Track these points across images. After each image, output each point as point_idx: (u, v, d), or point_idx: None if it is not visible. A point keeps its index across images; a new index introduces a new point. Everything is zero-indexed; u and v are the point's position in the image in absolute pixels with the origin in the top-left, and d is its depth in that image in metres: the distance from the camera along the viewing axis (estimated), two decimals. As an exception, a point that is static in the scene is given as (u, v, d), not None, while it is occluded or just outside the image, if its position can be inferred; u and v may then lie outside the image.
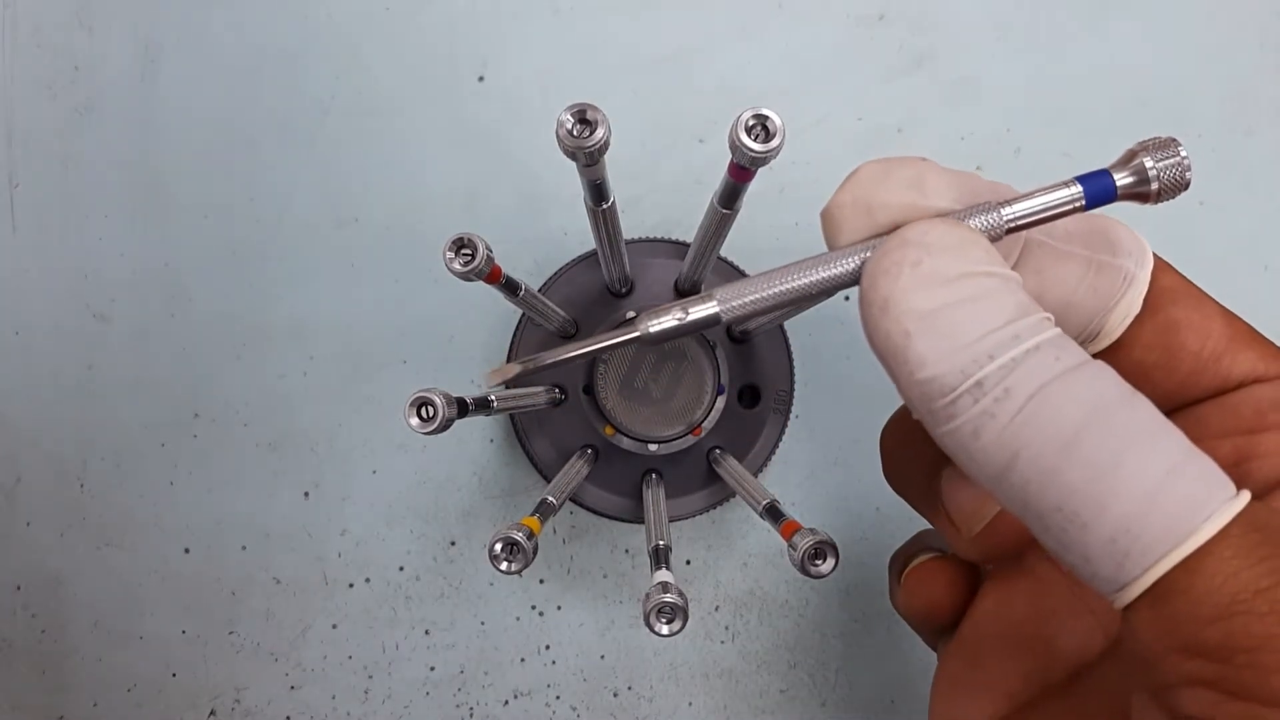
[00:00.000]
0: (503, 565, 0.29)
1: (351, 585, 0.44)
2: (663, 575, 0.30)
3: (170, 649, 0.45)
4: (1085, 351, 0.19)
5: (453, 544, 0.44)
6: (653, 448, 0.39)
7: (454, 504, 0.44)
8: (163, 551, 0.44)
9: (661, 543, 0.33)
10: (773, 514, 0.32)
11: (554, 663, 0.45)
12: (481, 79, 0.44)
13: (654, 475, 0.40)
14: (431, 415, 0.27)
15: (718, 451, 0.40)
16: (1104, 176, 0.22)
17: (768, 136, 0.24)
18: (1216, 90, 0.44)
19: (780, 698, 0.45)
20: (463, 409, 0.28)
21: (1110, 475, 0.18)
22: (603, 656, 0.45)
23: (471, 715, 0.45)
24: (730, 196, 0.28)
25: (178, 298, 0.44)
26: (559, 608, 0.45)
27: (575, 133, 0.24)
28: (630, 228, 0.41)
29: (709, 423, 0.39)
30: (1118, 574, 0.18)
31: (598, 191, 0.29)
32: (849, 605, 0.45)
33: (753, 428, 0.41)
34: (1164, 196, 0.22)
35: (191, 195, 0.44)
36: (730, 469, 0.38)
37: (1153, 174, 0.22)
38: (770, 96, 0.44)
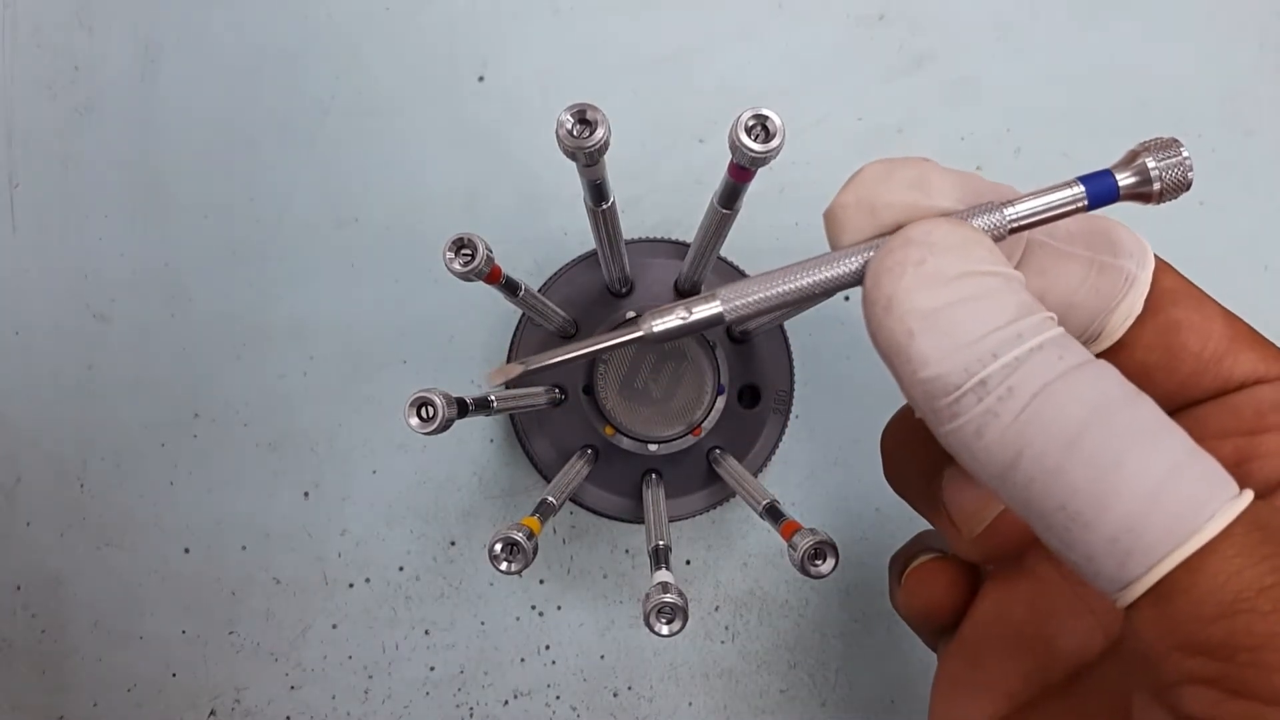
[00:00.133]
0: (503, 565, 0.29)
1: (351, 585, 0.44)
2: (663, 575, 0.30)
3: (170, 649, 0.44)
4: (1088, 351, 0.19)
5: (453, 544, 0.44)
6: (653, 448, 0.39)
7: (454, 504, 0.44)
8: (163, 551, 0.44)
9: (661, 543, 0.33)
10: (773, 514, 0.32)
11: (554, 663, 0.45)
12: (481, 79, 0.44)
13: (654, 475, 0.40)
14: (431, 415, 0.27)
15: (718, 451, 0.40)
16: (1106, 177, 0.22)
17: (768, 136, 0.24)
18: (1216, 90, 0.44)
19: (780, 698, 0.45)
20: (463, 409, 0.28)
21: (1113, 474, 0.18)
22: (603, 656, 0.45)
23: (471, 715, 0.45)
24: (730, 196, 0.28)
25: (178, 298, 0.44)
26: (559, 608, 0.45)
27: (575, 133, 0.24)
28: (630, 228, 0.41)
29: (709, 423, 0.39)
30: (1120, 573, 0.18)
31: (598, 191, 0.29)
32: (849, 605, 0.45)
33: (753, 428, 0.41)
34: (1166, 197, 0.22)
35: (191, 195, 0.44)
36: (730, 469, 0.38)
37: (1155, 174, 0.22)
38: (770, 96, 0.44)
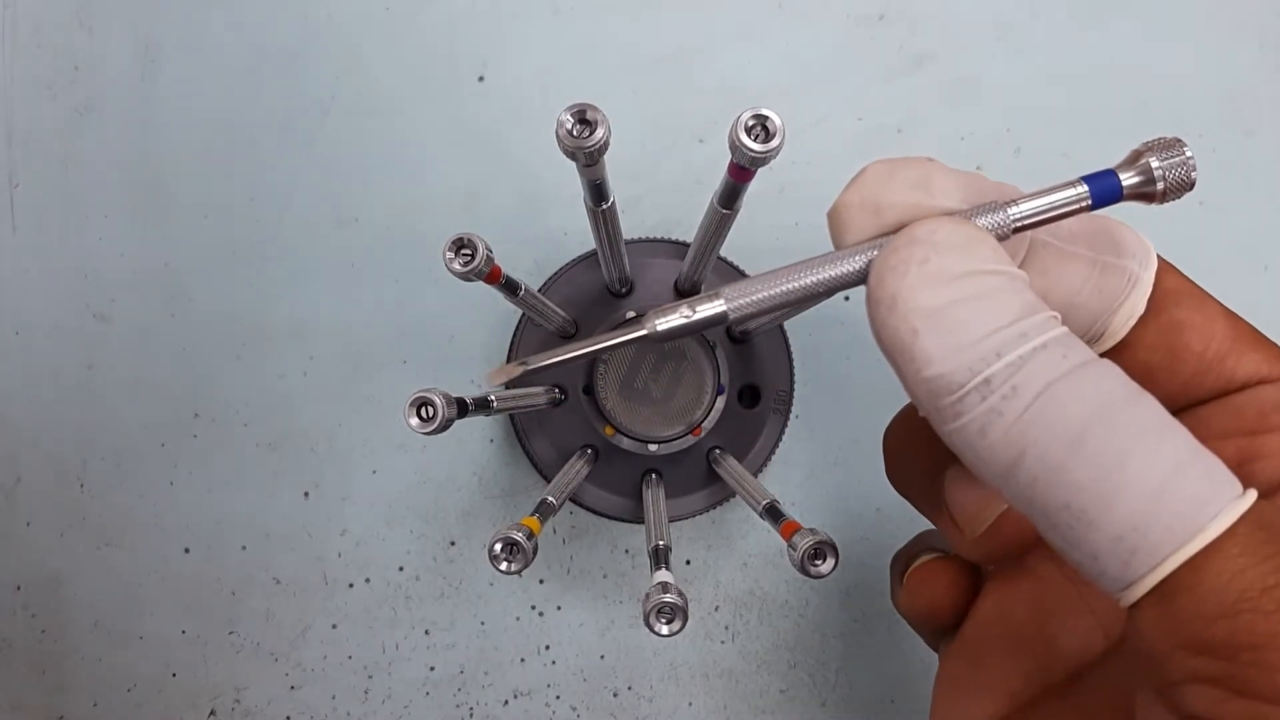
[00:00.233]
0: (503, 565, 0.29)
1: (351, 585, 0.44)
2: (663, 575, 0.30)
3: (170, 649, 0.44)
4: (1091, 350, 0.19)
5: (453, 544, 0.44)
6: (653, 448, 0.39)
7: (454, 504, 0.44)
8: (163, 551, 0.44)
9: (661, 543, 0.33)
10: (773, 514, 0.32)
11: (554, 663, 0.45)
12: (481, 79, 0.44)
13: (654, 475, 0.40)
14: (431, 415, 0.27)
15: (718, 451, 0.40)
16: (1110, 176, 0.22)
17: (768, 136, 0.24)
18: (1216, 90, 0.44)
19: (780, 698, 0.45)
20: (463, 409, 0.28)
21: (1117, 473, 0.18)
22: (603, 656, 0.45)
23: (471, 715, 0.45)
24: (730, 196, 0.28)
25: (178, 298, 0.44)
26: (559, 608, 0.45)
27: (575, 133, 0.24)
28: (630, 228, 0.41)
29: (709, 423, 0.39)
30: (1124, 572, 0.18)
31: (598, 191, 0.29)
32: (849, 605, 0.45)
33: (753, 428, 0.41)
34: (1169, 196, 0.22)
35: (191, 195, 0.44)
36: (730, 469, 0.38)
37: (1158, 174, 0.22)
38: (770, 96, 0.44)
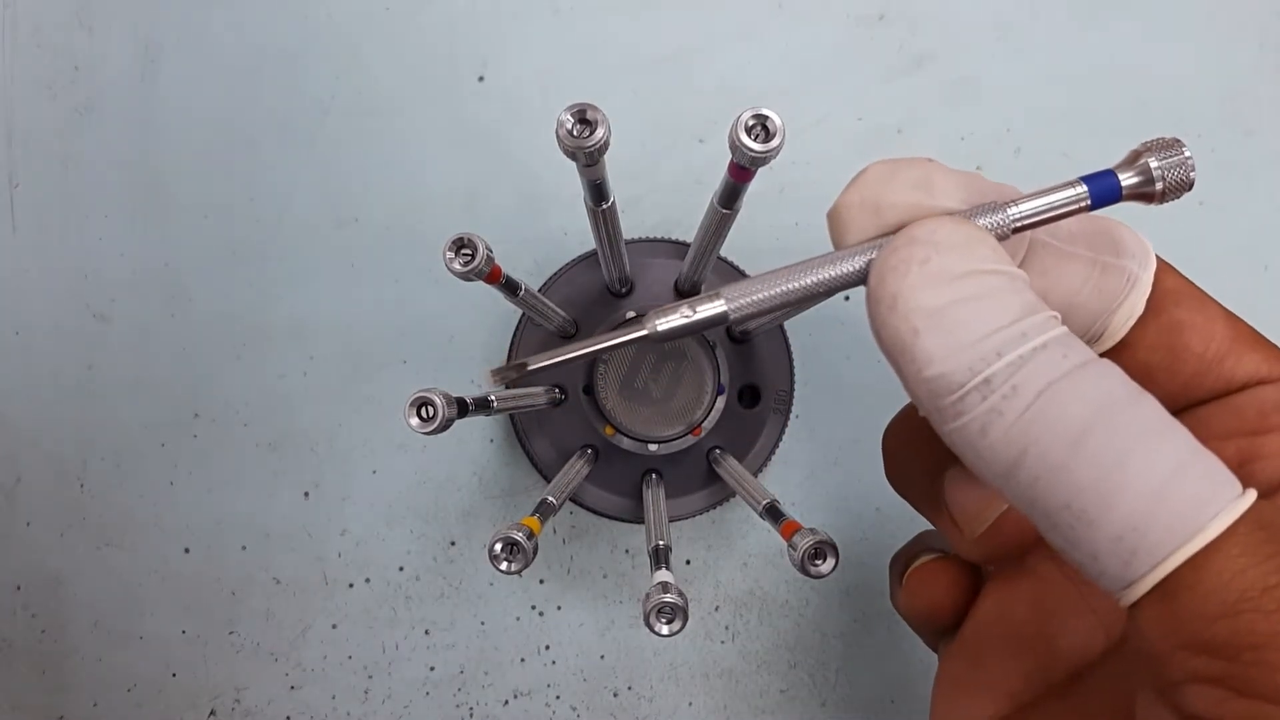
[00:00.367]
0: (503, 565, 0.29)
1: (351, 585, 0.44)
2: (663, 575, 0.30)
3: (170, 649, 0.44)
4: (1091, 350, 0.19)
5: (453, 544, 0.44)
6: (653, 448, 0.39)
7: (454, 504, 0.44)
8: (163, 551, 0.44)
9: (661, 543, 0.33)
10: (773, 514, 0.32)
11: (554, 663, 0.45)
12: (481, 79, 0.44)
13: (654, 475, 0.40)
14: (431, 415, 0.27)
15: (718, 451, 0.40)
16: (1109, 177, 0.22)
17: (768, 136, 0.24)
18: (1216, 90, 0.44)
19: (780, 698, 0.45)
20: (463, 409, 0.28)
21: (1118, 472, 0.18)
22: (603, 656, 0.45)
23: (471, 715, 0.45)
24: (730, 196, 0.28)
25: (178, 298, 0.44)
26: (559, 608, 0.45)
27: (575, 133, 0.24)
28: (630, 228, 0.41)
29: (709, 423, 0.39)
30: (1125, 571, 0.18)
31: (598, 191, 0.29)
32: (849, 605, 0.45)
33: (753, 428, 0.41)
34: (1169, 196, 0.22)
35: (191, 195, 0.44)
36: (730, 469, 0.38)
37: (1157, 174, 0.22)
38: (770, 96, 0.44)
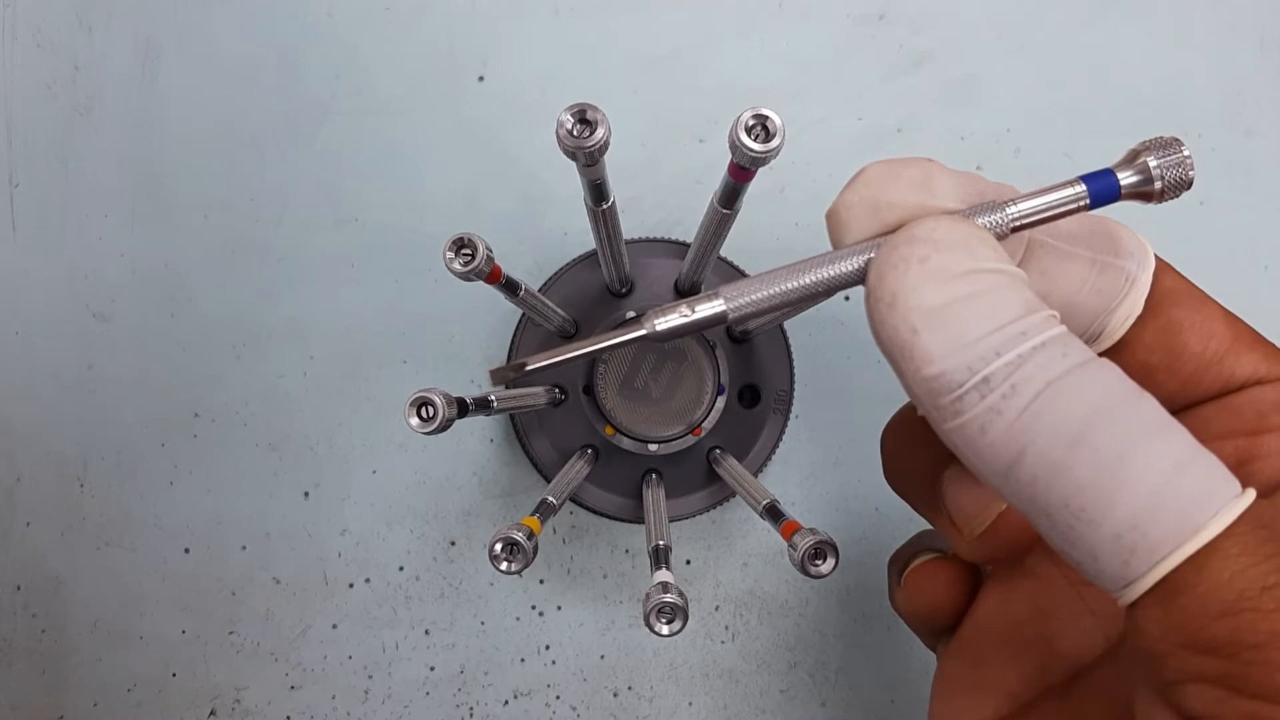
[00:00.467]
0: (503, 565, 0.29)
1: (351, 585, 0.44)
2: (663, 575, 0.30)
3: (170, 649, 0.44)
4: (1090, 349, 0.19)
5: (453, 544, 0.44)
6: (653, 448, 0.39)
7: (454, 504, 0.44)
8: (163, 551, 0.44)
9: (661, 543, 0.33)
10: (773, 514, 0.32)
11: (554, 663, 0.45)
12: (481, 79, 0.44)
13: (654, 475, 0.40)
14: (431, 415, 0.27)
15: (718, 451, 0.40)
16: (1108, 175, 0.22)
17: (768, 136, 0.24)
18: (1216, 90, 0.44)
19: (780, 698, 0.45)
20: (463, 409, 0.28)
21: (1117, 471, 0.18)
22: (603, 656, 0.45)
23: (471, 715, 0.45)
24: (730, 196, 0.28)
25: (178, 298, 0.44)
26: (559, 608, 0.45)
27: (575, 133, 0.24)
28: (630, 228, 0.41)
29: (709, 423, 0.39)
30: (1124, 570, 0.18)
31: (598, 191, 0.29)
32: (849, 605, 0.45)
33: (753, 428, 0.41)
34: (1168, 195, 0.22)
35: (191, 195, 0.44)
36: (730, 469, 0.38)
37: (1156, 173, 0.22)
38: (770, 96, 0.44)
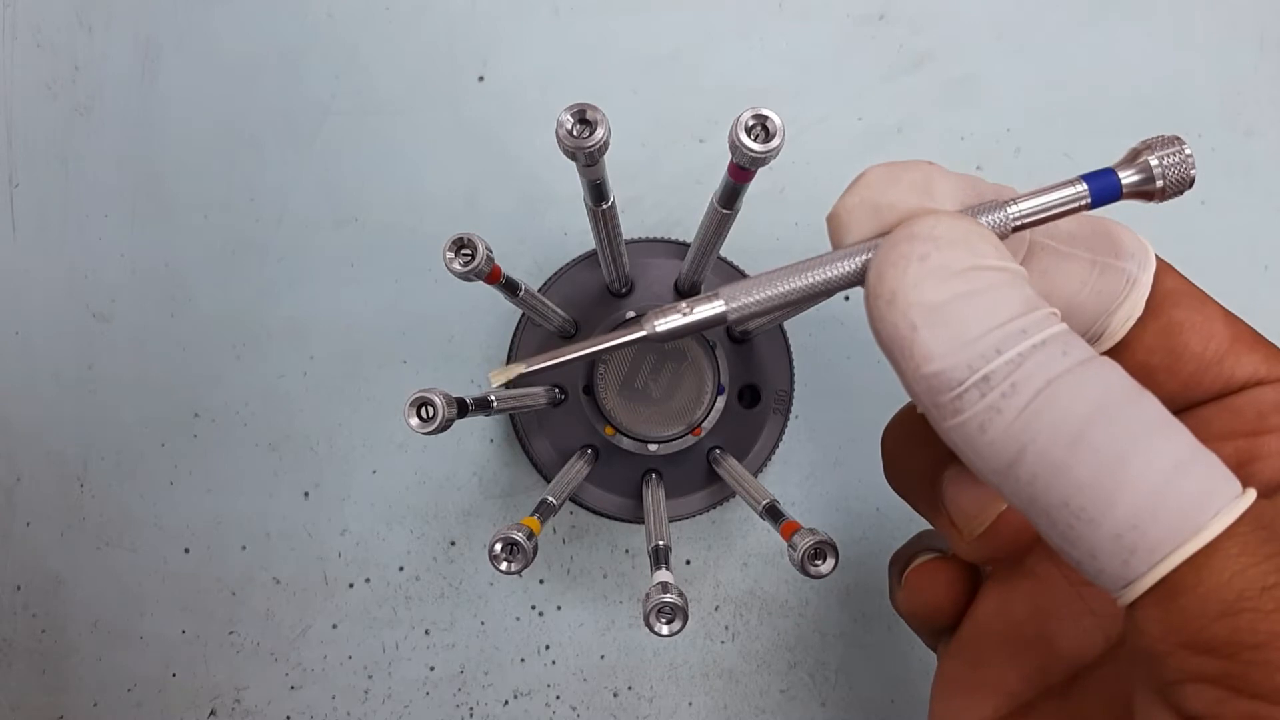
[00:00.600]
0: (503, 565, 0.29)
1: (351, 585, 0.44)
2: (663, 575, 0.30)
3: (170, 649, 0.44)
4: (1091, 348, 0.19)
5: (453, 544, 0.44)
6: (653, 448, 0.39)
7: (454, 504, 0.44)
8: (163, 551, 0.44)
9: (661, 543, 0.33)
10: (773, 514, 0.32)
11: (554, 663, 0.45)
12: (481, 79, 0.44)
13: (654, 475, 0.40)
14: (431, 415, 0.27)
15: (718, 451, 0.40)
16: (1109, 175, 0.22)
17: (768, 136, 0.24)
18: (1216, 90, 0.44)
19: (780, 698, 0.45)
20: (463, 409, 0.28)
21: (1118, 471, 0.18)
22: (603, 656, 0.45)
23: (471, 715, 0.45)
24: (730, 196, 0.28)
25: (178, 298, 0.44)
26: (559, 608, 0.45)
27: (575, 133, 0.24)
28: (630, 228, 0.41)
29: (709, 423, 0.39)
30: (1124, 570, 0.18)
31: (598, 191, 0.29)
32: (849, 605, 0.45)
33: (753, 428, 0.41)
34: (1169, 194, 0.22)
35: (191, 195, 0.44)
36: (730, 469, 0.38)
37: (1158, 171, 0.22)
38: (770, 96, 0.44)
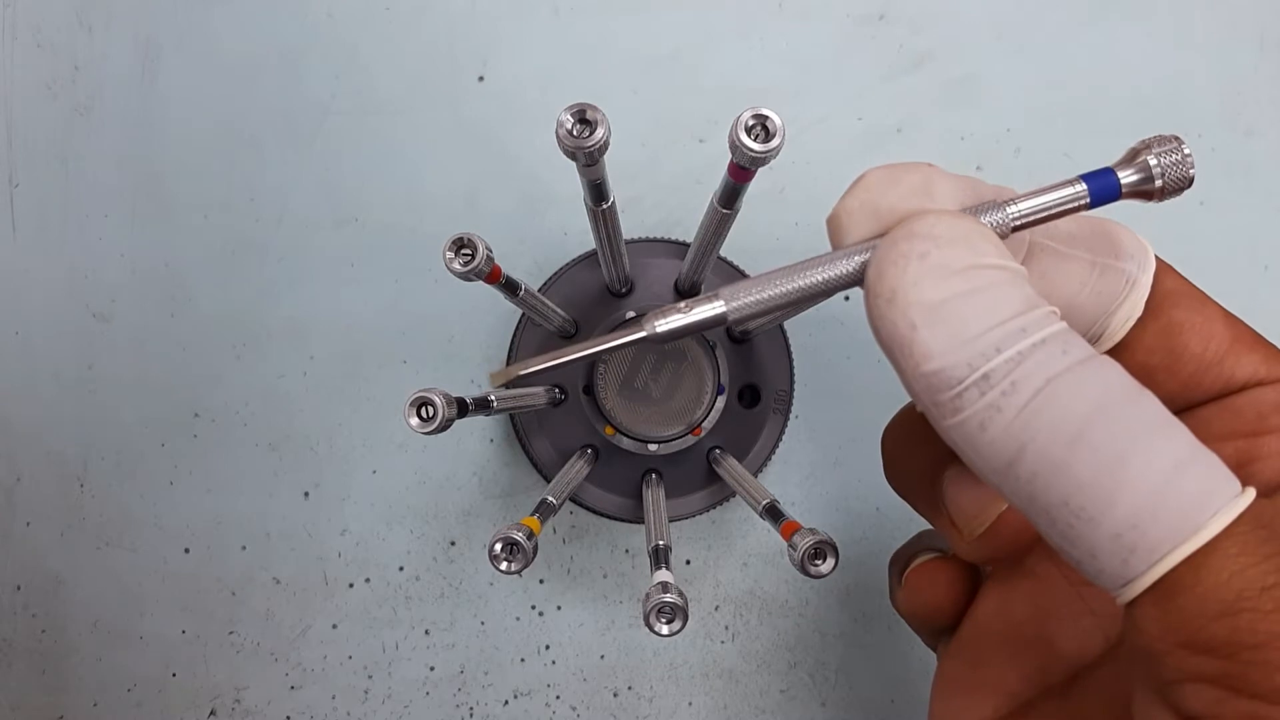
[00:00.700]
0: (503, 565, 0.29)
1: (351, 585, 0.44)
2: (663, 575, 0.30)
3: (170, 649, 0.44)
4: (1091, 346, 0.19)
5: (453, 544, 0.44)
6: (653, 448, 0.39)
7: (454, 504, 0.44)
8: (163, 551, 0.44)
9: (661, 543, 0.33)
10: (773, 514, 0.32)
11: (554, 663, 0.45)
12: (481, 79, 0.44)
13: (654, 475, 0.40)
14: (431, 415, 0.27)
15: (718, 451, 0.40)
16: (1108, 174, 0.22)
17: (768, 136, 0.24)
18: (1216, 90, 0.44)
19: (780, 698, 0.45)
20: (463, 409, 0.28)
21: (1118, 470, 0.18)
22: (603, 656, 0.45)
23: (471, 715, 0.45)
24: (730, 196, 0.28)
25: (178, 298, 0.44)
26: (559, 608, 0.45)
27: (575, 133, 0.24)
28: (630, 228, 0.41)
29: (709, 423, 0.39)
30: (1123, 569, 0.18)
31: (598, 191, 0.29)
32: (849, 605, 0.45)
33: (753, 428, 0.41)
34: (1168, 193, 0.22)
35: (191, 195, 0.44)
36: (730, 469, 0.38)
37: (1157, 171, 0.22)
38: (770, 96, 0.44)
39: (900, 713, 0.45)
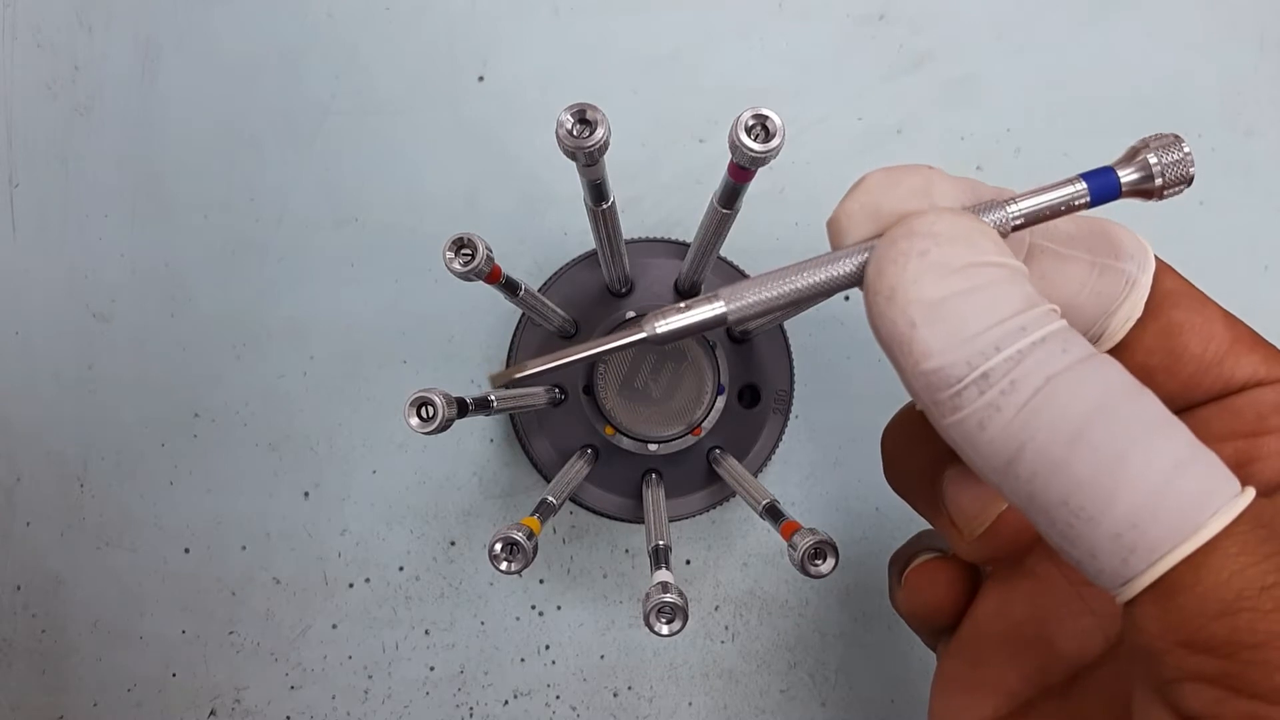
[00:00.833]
0: (503, 565, 0.29)
1: (351, 585, 0.44)
2: (663, 575, 0.30)
3: (170, 649, 0.44)
4: (1091, 345, 0.19)
5: (453, 544, 0.44)
6: (653, 448, 0.39)
7: (454, 504, 0.44)
8: (163, 551, 0.44)
9: (661, 543, 0.33)
10: (773, 514, 0.32)
11: (554, 663, 0.45)
12: (481, 79, 0.44)
13: (654, 475, 0.40)
14: (431, 415, 0.27)
15: (718, 451, 0.40)
16: (1108, 173, 0.22)
17: (768, 136, 0.24)
18: (1216, 90, 0.44)
19: (780, 698, 0.45)
20: (463, 409, 0.28)
21: (1117, 469, 0.18)
22: (603, 656, 0.45)
23: (471, 715, 0.45)
24: (730, 196, 0.28)
25: (178, 298, 0.44)
26: (559, 608, 0.45)
27: (575, 133, 0.24)
28: (630, 228, 0.41)
29: (709, 423, 0.39)
30: (1123, 569, 0.18)
31: (598, 191, 0.29)
32: (849, 605, 0.45)
33: (753, 428, 0.41)
34: (1168, 192, 0.22)
35: (191, 195, 0.44)
36: (730, 469, 0.38)
37: (1156, 169, 0.22)
38: (770, 96, 0.44)
39: (900, 713, 0.45)
